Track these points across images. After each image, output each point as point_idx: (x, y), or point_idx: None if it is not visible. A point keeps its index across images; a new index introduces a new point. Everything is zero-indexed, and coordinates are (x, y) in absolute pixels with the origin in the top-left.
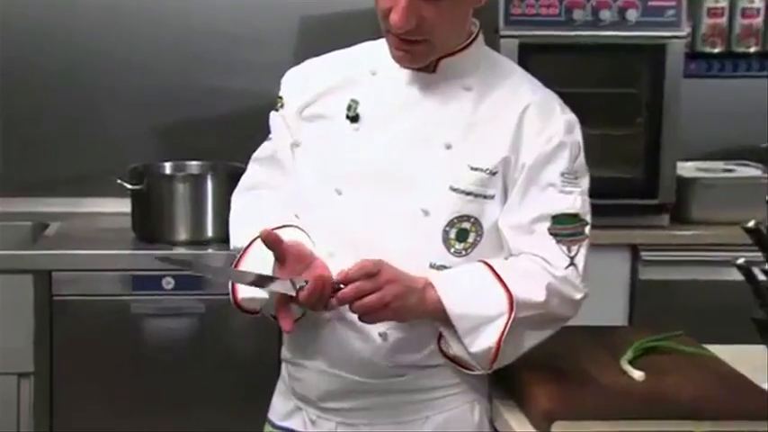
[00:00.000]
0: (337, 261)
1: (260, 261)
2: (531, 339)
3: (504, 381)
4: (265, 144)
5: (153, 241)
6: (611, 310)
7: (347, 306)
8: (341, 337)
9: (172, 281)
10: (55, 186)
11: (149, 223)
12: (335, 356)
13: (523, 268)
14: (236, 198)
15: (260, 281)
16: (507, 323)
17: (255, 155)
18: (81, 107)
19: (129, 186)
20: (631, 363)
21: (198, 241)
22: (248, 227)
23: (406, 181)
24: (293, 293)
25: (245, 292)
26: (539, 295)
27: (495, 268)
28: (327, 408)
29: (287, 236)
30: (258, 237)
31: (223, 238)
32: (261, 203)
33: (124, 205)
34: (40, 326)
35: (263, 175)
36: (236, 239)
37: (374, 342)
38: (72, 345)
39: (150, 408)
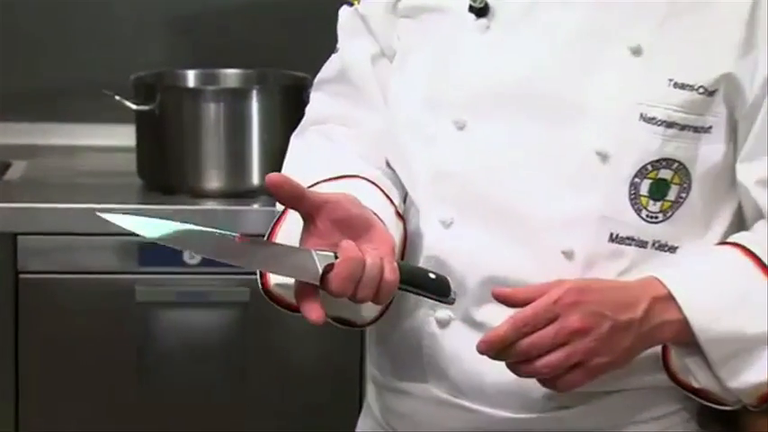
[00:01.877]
0: (457, 234)
1: (300, 226)
2: None
3: (715, 409)
4: (333, 59)
5: (168, 191)
6: None
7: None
8: (468, 349)
9: None
10: (22, 105)
11: (163, 163)
12: (460, 378)
13: None
14: (294, 139)
15: (275, 257)
16: None
17: (320, 76)
18: None
19: (132, 107)
20: None
21: (237, 192)
22: (300, 178)
23: (569, 107)
24: (315, 280)
25: (278, 275)
26: None
27: (759, 255)
28: None
29: (341, 189)
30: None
31: None
32: (325, 144)
33: (125, 136)
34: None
35: (332, 105)
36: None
37: None
38: (47, 346)
39: None
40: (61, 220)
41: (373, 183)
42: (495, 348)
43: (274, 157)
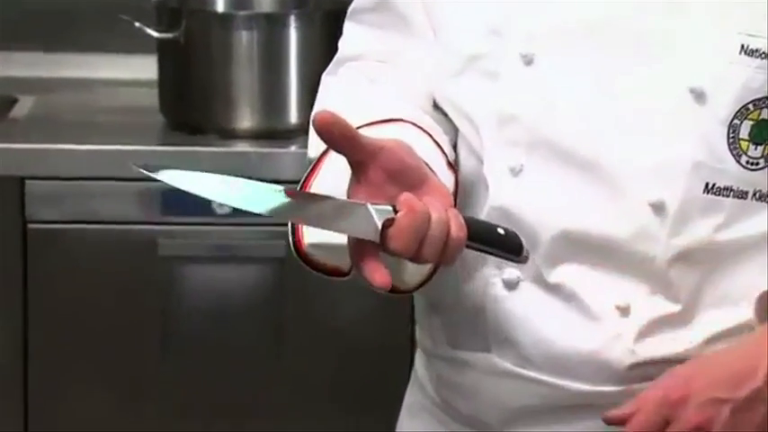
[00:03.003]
0: (527, 182)
1: (341, 178)
2: None
3: None
4: None
5: (194, 130)
6: None
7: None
8: (539, 314)
9: None
10: (29, 33)
11: (189, 99)
12: (530, 347)
13: None
14: (327, 78)
15: (320, 210)
16: None
17: (355, 5)
18: None
19: (154, 34)
20: None
21: (272, 132)
22: None
23: (657, 38)
24: (375, 236)
25: (314, 233)
26: None
27: None
28: None
29: (386, 135)
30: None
31: None
32: (364, 83)
33: (146, 67)
34: (5, 272)
35: (371, 38)
36: (313, 146)
37: (606, 320)
38: (58, 303)
39: (186, 413)
40: (74, 162)
41: (421, 128)
42: None
43: (314, 93)
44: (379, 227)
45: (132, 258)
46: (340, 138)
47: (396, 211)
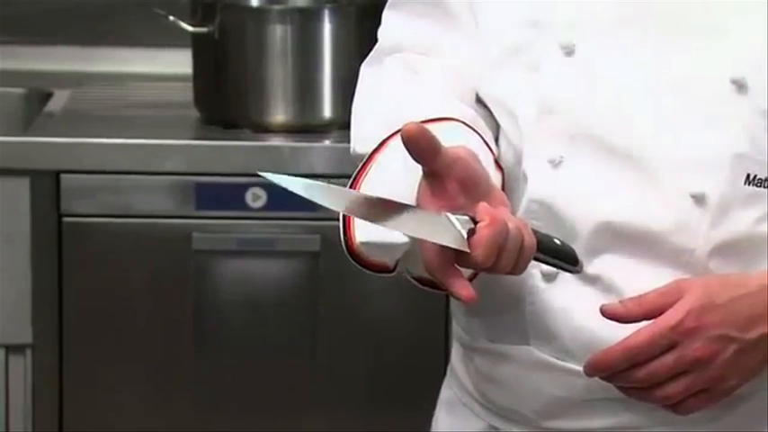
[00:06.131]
0: (567, 174)
1: (395, 179)
2: None
3: None
4: None
5: (228, 125)
6: None
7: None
8: (578, 305)
9: (263, 194)
10: (64, 28)
11: (223, 94)
12: (569, 339)
13: None
14: (367, 69)
15: (392, 215)
16: None
17: None
18: None
19: (188, 29)
20: None
21: (306, 126)
22: (380, 119)
23: (698, 29)
24: (463, 245)
25: (365, 231)
26: None
27: None
28: None
29: (446, 138)
30: (392, 135)
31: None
32: (409, 78)
33: (180, 62)
34: (41, 266)
35: (413, 29)
36: (359, 140)
37: None
38: (93, 297)
39: (219, 407)
40: (109, 156)
41: (471, 127)
42: (603, 373)
43: (349, 87)
44: (465, 235)
45: (166, 252)
46: (426, 150)
47: (474, 222)
